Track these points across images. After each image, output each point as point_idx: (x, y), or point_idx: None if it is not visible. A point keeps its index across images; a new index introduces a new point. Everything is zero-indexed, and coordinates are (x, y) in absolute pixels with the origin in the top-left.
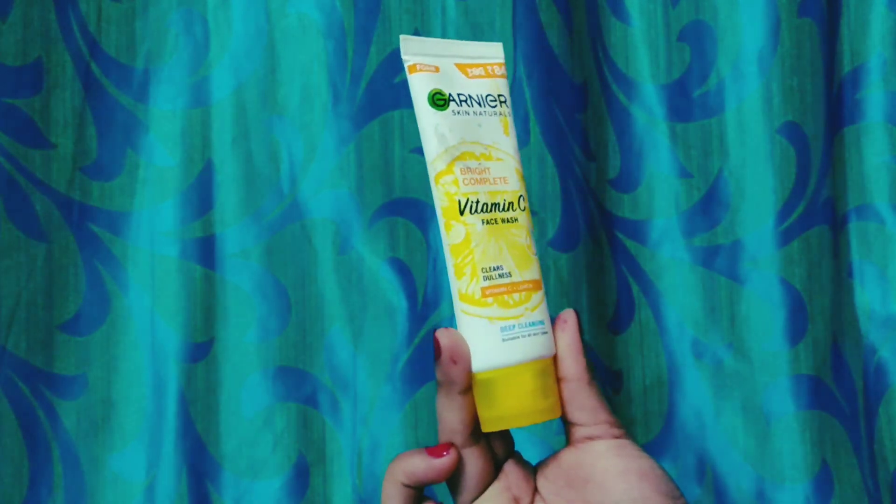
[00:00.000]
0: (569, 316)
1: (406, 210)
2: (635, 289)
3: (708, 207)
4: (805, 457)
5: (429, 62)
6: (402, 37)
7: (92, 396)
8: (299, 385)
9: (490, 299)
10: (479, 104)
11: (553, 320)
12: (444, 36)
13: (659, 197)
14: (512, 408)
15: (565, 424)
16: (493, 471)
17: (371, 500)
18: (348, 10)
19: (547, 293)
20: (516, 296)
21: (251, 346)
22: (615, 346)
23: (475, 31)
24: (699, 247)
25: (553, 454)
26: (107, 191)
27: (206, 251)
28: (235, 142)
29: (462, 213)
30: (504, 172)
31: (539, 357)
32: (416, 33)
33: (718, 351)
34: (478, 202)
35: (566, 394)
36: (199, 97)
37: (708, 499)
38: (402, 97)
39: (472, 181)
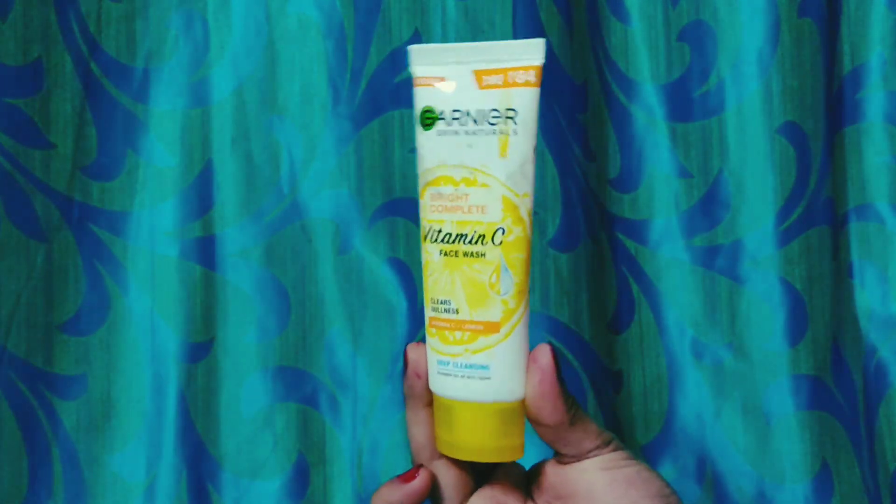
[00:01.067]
0: (542, 356)
1: (406, 210)
2: (635, 289)
3: (708, 207)
4: (805, 457)
5: (435, 72)
6: (411, 47)
7: (92, 396)
8: (299, 385)
9: (434, 330)
10: (476, 121)
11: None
12: (443, 36)
13: (659, 197)
14: (459, 439)
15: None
16: (472, 478)
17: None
18: (348, 10)
19: (547, 293)
20: (458, 334)
21: (251, 346)
22: (615, 346)
23: (475, 32)
24: (699, 247)
25: (543, 462)
26: (107, 191)
27: (206, 251)
28: (235, 142)
29: (425, 239)
30: (484, 201)
31: (476, 401)
32: (417, 33)
33: (718, 351)
34: (440, 231)
35: (548, 437)
36: (199, 97)
37: (708, 499)
38: (402, 97)
39: (441, 208)
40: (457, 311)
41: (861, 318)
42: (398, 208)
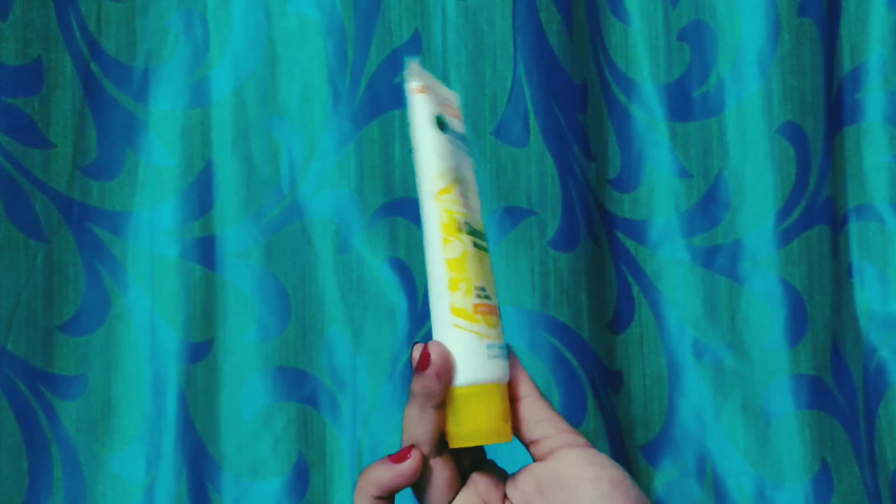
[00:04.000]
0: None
1: (406, 210)
2: (635, 289)
3: (708, 207)
4: (805, 456)
5: (434, 92)
6: (410, 62)
7: (92, 397)
8: (299, 385)
9: (480, 316)
10: (461, 140)
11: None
12: (443, 36)
13: (659, 197)
14: (482, 425)
15: (528, 446)
16: (460, 479)
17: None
18: (348, 10)
19: (547, 293)
20: (493, 318)
21: (251, 346)
22: (615, 345)
23: (475, 32)
24: (699, 247)
25: (524, 467)
26: (106, 191)
27: (205, 251)
28: (235, 142)
29: (460, 230)
30: (477, 205)
31: (506, 379)
32: (417, 33)
33: (718, 351)
34: (468, 225)
35: (523, 412)
36: (199, 97)
37: (708, 499)
38: (402, 97)
39: (465, 205)
40: (489, 298)
41: (861, 318)
42: (398, 208)
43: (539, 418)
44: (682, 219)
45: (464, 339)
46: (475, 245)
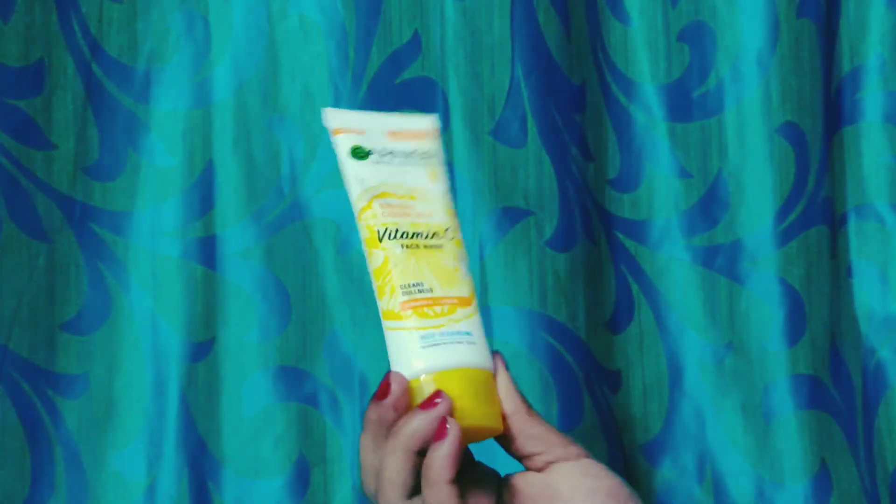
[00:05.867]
0: (497, 357)
1: None
2: (635, 289)
3: (707, 207)
4: (804, 456)
5: (353, 127)
6: (326, 111)
7: (93, 395)
8: (300, 385)
9: (409, 311)
10: (405, 157)
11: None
12: (442, 37)
13: (659, 197)
14: (452, 407)
15: (521, 460)
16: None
17: None
18: (349, 11)
19: (545, 293)
20: (437, 308)
21: (252, 346)
22: (614, 345)
23: (473, 32)
24: (699, 246)
25: (520, 472)
26: (108, 191)
27: (207, 251)
28: (236, 142)
29: (381, 240)
30: (429, 209)
31: (468, 365)
32: (416, 34)
33: (718, 351)
34: (397, 230)
35: (512, 429)
36: (201, 98)
37: (707, 499)
38: (403, 98)
39: (393, 213)
40: (431, 290)
41: (860, 318)
42: None
43: (530, 435)
44: (682, 219)
45: (395, 338)
46: (405, 246)
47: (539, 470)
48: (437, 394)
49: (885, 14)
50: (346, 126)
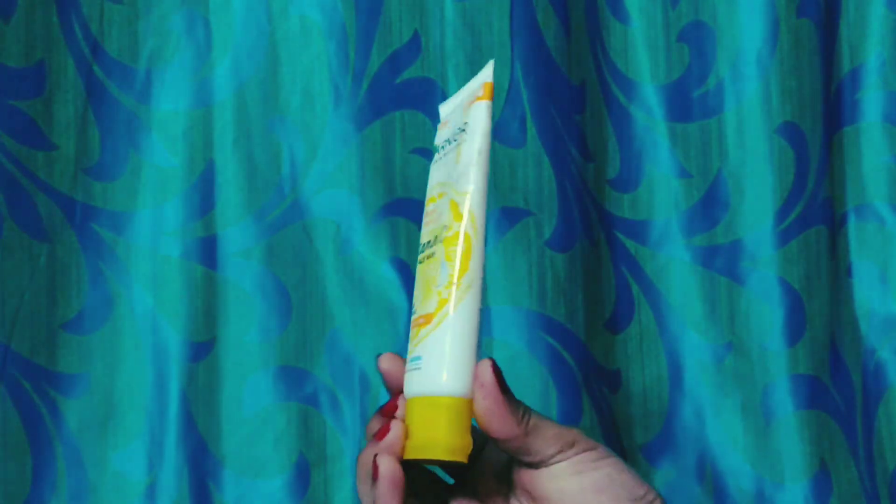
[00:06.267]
0: (483, 373)
1: (407, 210)
2: (635, 289)
3: (707, 207)
4: (804, 456)
5: (445, 118)
6: (441, 105)
7: (94, 395)
8: (300, 384)
9: (412, 333)
10: (450, 141)
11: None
12: (441, 37)
13: (659, 197)
14: (409, 438)
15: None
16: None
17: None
18: (350, 11)
19: (545, 293)
20: (414, 331)
21: (252, 346)
22: (614, 345)
23: (473, 33)
24: (699, 247)
25: (526, 470)
26: (109, 191)
27: (207, 251)
28: (237, 142)
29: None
30: (441, 208)
31: (419, 394)
32: (416, 34)
33: (718, 351)
34: (420, 244)
35: (506, 448)
36: (201, 98)
37: (707, 498)
38: (403, 98)
39: (424, 225)
40: (414, 311)
41: (860, 318)
42: (399, 208)
43: (526, 453)
44: (682, 219)
45: None
46: (420, 262)
47: (534, 467)
48: (386, 426)
49: (885, 14)
50: (443, 118)
